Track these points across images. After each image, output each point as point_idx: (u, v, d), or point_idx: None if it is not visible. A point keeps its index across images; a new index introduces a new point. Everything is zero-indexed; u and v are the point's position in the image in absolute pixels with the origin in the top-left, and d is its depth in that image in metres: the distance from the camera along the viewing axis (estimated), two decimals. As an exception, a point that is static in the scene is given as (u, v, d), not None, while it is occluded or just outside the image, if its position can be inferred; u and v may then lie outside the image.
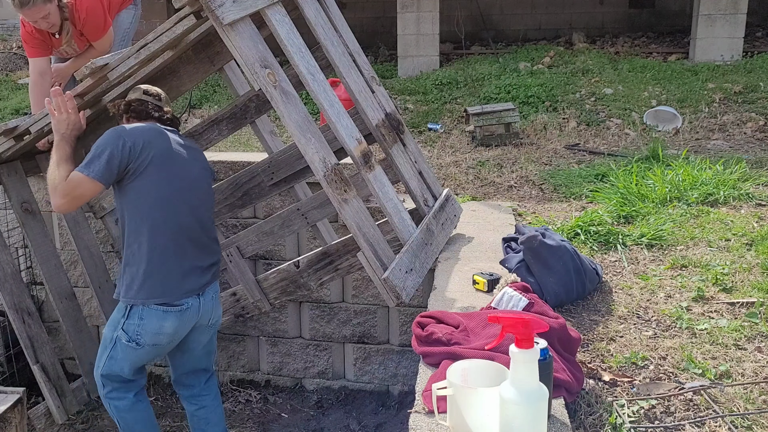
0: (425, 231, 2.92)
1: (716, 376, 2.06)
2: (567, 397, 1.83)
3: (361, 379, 4.27)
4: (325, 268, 3.36)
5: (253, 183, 3.52)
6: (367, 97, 2.96)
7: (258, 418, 4.06)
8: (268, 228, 3.55)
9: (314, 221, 3.54)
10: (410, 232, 2.80)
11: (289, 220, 3.52)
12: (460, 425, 1.59)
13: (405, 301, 2.62)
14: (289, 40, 2.58)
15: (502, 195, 4.32)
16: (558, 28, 9.67)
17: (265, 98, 3.26)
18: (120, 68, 2.83)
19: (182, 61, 3.21)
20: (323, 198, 3.37)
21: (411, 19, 7.81)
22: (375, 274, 2.61)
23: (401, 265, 2.63)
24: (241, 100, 3.43)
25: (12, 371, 4.22)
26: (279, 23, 2.56)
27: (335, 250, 3.31)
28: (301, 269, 3.39)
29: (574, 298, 2.60)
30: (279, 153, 3.50)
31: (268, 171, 3.45)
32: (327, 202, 3.35)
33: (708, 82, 6.76)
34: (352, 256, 3.21)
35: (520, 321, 1.47)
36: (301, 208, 3.51)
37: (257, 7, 2.45)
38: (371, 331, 4.19)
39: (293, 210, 3.51)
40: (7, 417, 1.51)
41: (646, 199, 3.77)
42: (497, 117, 5.54)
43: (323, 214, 3.49)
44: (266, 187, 3.49)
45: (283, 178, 3.46)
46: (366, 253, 2.61)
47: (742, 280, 2.73)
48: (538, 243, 2.57)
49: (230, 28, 2.34)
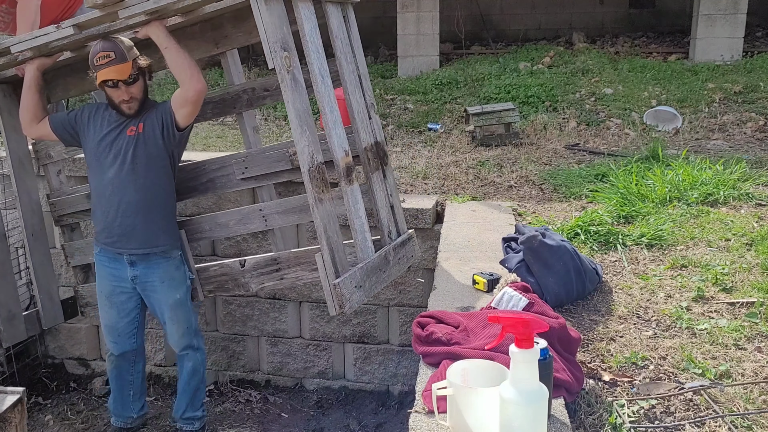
0: (382, 258, 2.99)
1: (716, 376, 2.06)
2: (567, 397, 1.83)
3: (361, 379, 4.27)
4: (270, 273, 3.42)
5: (221, 173, 3.46)
6: (363, 119, 3.05)
7: (258, 418, 4.06)
8: (223, 220, 3.50)
9: (273, 226, 3.50)
10: (369, 253, 2.90)
11: (248, 218, 3.48)
12: (460, 425, 1.59)
13: (346, 312, 2.70)
14: (311, 37, 2.66)
15: (502, 195, 4.32)
16: (558, 28, 9.67)
17: (259, 93, 3.29)
18: (134, 8, 2.74)
19: (185, 34, 3.13)
20: (289, 205, 3.40)
21: (411, 19, 7.81)
22: (327, 278, 2.67)
23: (353, 278, 2.71)
24: (234, 88, 3.38)
25: (12, 371, 4.22)
26: (306, 19, 2.65)
27: (286, 259, 3.39)
28: (245, 269, 3.44)
29: (574, 298, 2.60)
30: (259, 150, 3.46)
31: (242, 164, 3.41)
32: (291, 210, 3.37)
33: (708, 82, 6.76)
34: (301, 269, 3.32)
35: (520, 321, 1.47)
36: (264, 209, 3.46)
37: None
38: (371, 331, 4.19)
39: (255, 209, 3.47)
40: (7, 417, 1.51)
41: (646, 199, 3.77)
42: (497, 117, 5.54)
43: (285, 221, 3.46)
44: (235, 179, 3.44)
45: (255, 176, 3.42)
46: (324, 255, 2.67)
47: (742, 280, 2.73)
48: (538, 243, 2.57)
49: (264, 2, 2.43)
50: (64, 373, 4.60)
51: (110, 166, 3.17)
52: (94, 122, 3.25)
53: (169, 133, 3.15)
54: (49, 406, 4.26)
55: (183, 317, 3.36)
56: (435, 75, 7.41)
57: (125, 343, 3.42)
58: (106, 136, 3.19)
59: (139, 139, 3.14)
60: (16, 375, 4.23)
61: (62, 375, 4.58)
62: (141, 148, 3.14)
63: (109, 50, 2.96)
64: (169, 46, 2.94)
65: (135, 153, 3.13)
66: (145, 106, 3.19)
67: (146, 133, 3.14)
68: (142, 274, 3.27)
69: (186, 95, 3.04)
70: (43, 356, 4.60)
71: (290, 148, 3.25)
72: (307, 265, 3.32)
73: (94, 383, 4.42)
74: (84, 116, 3.29)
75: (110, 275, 3.32)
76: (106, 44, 2.97)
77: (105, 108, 3.25)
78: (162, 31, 2.93)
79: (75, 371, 4.62)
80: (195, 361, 3.48)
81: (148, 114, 3.17)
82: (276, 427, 3.99)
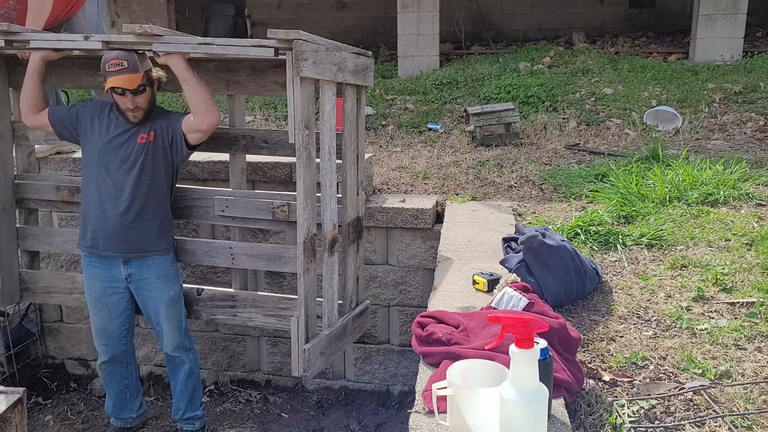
0: (343, 327, 3.17)
1: (716, 376, 2.06)
2: (567, 397, 1.83)
3: (361, 379, 4.27)
4: (224, 309, 3.57)
5: (201, 203, 3.54)
6: (353, 195, 3.25)
7: (258, 418, 4.06)
8: (191, 247, 3.56)
9: (239, 266, 3.58)
10: (333, 321, 3.08)
11: (216, 252, 3.57)
12: (460, 425, 1.59)
13: (308, 377, 2.92)
14: (329, 118, 2.89)
15: (502, 195, 4.32)
16: (558, 28, 9.67)
17: (257, 143, 3.44)
18: (170, 47, 2.85)
19: (199, 67, 3.18)
20: (259, 250, 3.51)
21: (411, 19, 7.81)
22: (297, 342, 2.85)
23: (320, 345, 2.92)
24: (234, 131, 3.45)
25: (12, 371, 4.22)
26: (328, 100, 2.86)
27: (243, 298, 3.55)
28: (201, 297, 3.57)
29: (574, 298, 2.60)
30: (243, 193, 3.53)
31: (224, 202, 3.48)
32: (261, 256, 3.49)
33: (708, 82, 6.76)
34: (256, 311, 3.51)
35: (520, 321, 1.47)
36: (233, 248, 3.55)
37: (322, 77, 2.81)
38: (371, 331, 4.19)
39: (224, 246, 3.56)
40: (7, 417, 1.51)
41: (646, 199, 3.77)
42: (497, 117, 5.54)
43: (252, 264, 3.54)
44: (213, 214, 3.53)
45: (234, 216, 3.51)
46: (300, 321, 2.85)
47: (742, 280, 2.73)
48: (538, 243, 2.57)
49: (301, 81, 2.64)
50: (64, 373, 4.60)
51: (116, 170, 3.18)
52: (99, 123, 3.25)
53: (178, 149, 3.21)
54: (49, 406, 4.26)
55: (177, 315, 3.37)
56: (435, 75, 7.41)
57: (116, 346, 3.40)
58: (115, 139, 3.20)
59: (149, 148, 3.18)
60: (16, 375, 4.23)
61: (62, 375, 4.58)
62: (150, 156, 3.18)
63: (122, 59, 2.98)
64: (188, 78, 3.01)
65: (144, 160, 3.17)
66: (152, 114, 3.22)
67: (156, 142, 3.19)
68: (137, 272, 3.27)
69: (200, 127, 3.12)
70: (44, 356, 4.60)
71: (275, 201, 3.39)
72: (263, 309, 3.53)
73: (95, 383, 4.42)
74: (86, 115, 3.28)
75: (101, 276, 3.30)
76: (121, 52, 3.00)
77: (110, 109, 3.24)
78: (183, 63, 3.00)
79: (75, 371, 4.62)
80: (189, 361, 3.47)
81: (157, 123, 3.21)
82: (276, 427, 3.99)
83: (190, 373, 3.49)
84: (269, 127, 6.08)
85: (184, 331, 3.43)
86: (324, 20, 10.37)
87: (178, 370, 3.48)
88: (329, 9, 10.35)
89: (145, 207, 3.20)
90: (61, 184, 3.76)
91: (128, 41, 2.95)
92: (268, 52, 2.68)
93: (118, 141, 3.19)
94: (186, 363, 3.47)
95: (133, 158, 3.17)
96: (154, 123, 3.19)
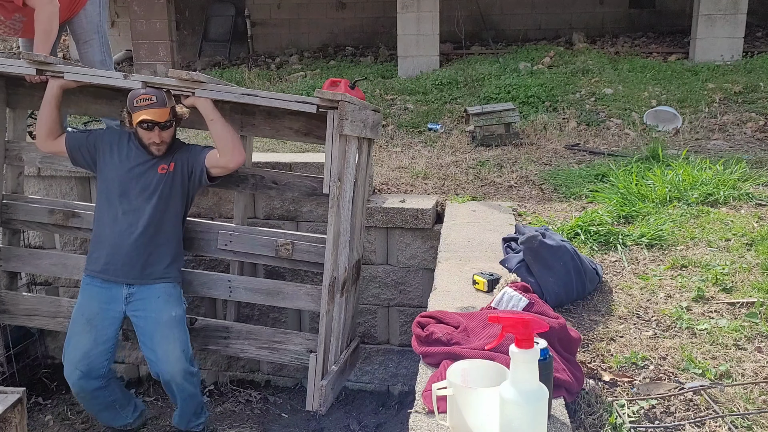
0: (343, 363, 3.38)
1: (716, 376, 2.06)
2: (567, 397, 1.83)
3: (361, 379, 4.27)
4: (217, 339, 3.64)
5: (205, 237, 3.61)
6: (357, 239, 3.46)
7: (258, 418, 4.06)
8: (188, 278, 3.60)
9: (236, 299, 3.65)
10: (339, 358, 3.29)
11: (213, 284, 3.63)
12: (460, 425, 1.59)
13: (322, 413, 3.12)
14: (350, 169, 3.12)
15: (502, 195, 4.32)
16: (558, 28, 9.67)
17: (267, 183, 3.57)
18: (212, 94, 3.00)
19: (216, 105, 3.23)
20: (259, 285, 3.61)
21: (411, 19, 7.81)
22: (314, 378, 3.04)
23: (332, 382, 3.13)
24: (244, 170, 3.53)
25: (12, 371, 4.22)
26: (351, 154, 3.12)
27: (237, 331, 3.62)
28: (193, 327, 3.62)
29: (574, 298, 2.60)
30: (248, 229, 3.60)
31: (227, 237, 3.56)
32: (259, 290, 3.57)
33: (708, 82, 6.76)
34: (249, 344, 3.60)
35: (520, 321, 1.47)
36: (232, 281, 3.60)
37: (353, 134, 3.04)
38: (371, 331, 4.19)
39: (223, 279, 3.62)
40: (7, 417, 1.51)
41: (646, 199, 3.77)
42: (497, 117, 5.54)
43: (249, 298, 3.61)
44: (215, 247, 3.60)
45: (235, 251, 3.59)
46: (318, 358, 3.02)
47: (742, 280, 2.73)
48: (538, 243, 2.57)
49: (340, 138, 2.87)
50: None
51: (135, 198, 3.24)
52: (118, 151, 3.32)
53: (198, 180, 3.31)
54: (49, 406, 4.26)
55: (179, 336, 3.23)
56: (435, 75, 7.41)
57: (91, 373, 3.24)
58: (135, 168, 3.26)
59: (169, 178, 3.26)
60: (16, 375, 4.23)
61: (62, 375, 4.52)
62: (169, 185, 3.26)
63: (152, 94, 3.10)
64: (215, 118, 3.13)
65: (163, 189, 3.25)
66: (173, 147, 3.32)
67: (175, 173, 3.28)
68: (138, 292, 3.23)
69: (227, 165, 3.25)
70: (43, 356, 4.60)
71: (279, 239, 3.50)
72: (257, 341, 3.61)
73: (94, 383, 4.42)
74: (105, 142, 3.35)
75: (100, 296, 3.24)
76: (150, 89, 3.11)
77: (129, 138, 3.31)
78: (210, 104, 3.11)
79: (75, 371, 4.61)
80: (193, 386, 3.33)
81: (178, 155, 3.31)
82: (276, 427, 3.99)
83: (194, 395, 3.37)
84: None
85: (190, 357, 3.27)
86: (324, 20, 10.36)
87: (179, 390, 3.30)
88: (329, 9, 10.35)
89: (160, 235, 3.26)
90: (55, 207, 3.78)
91: (170, 84, 3.08)
92: (310, 108, 2.86)
93: (138, 170, 3.26)
94: (191, 387, 3.31)
95: (152, 187, 3.24)
96: (175, 155, 3.30)
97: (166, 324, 3.20)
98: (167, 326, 3.20)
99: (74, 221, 3.74)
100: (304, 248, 3.48)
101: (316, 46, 10.18)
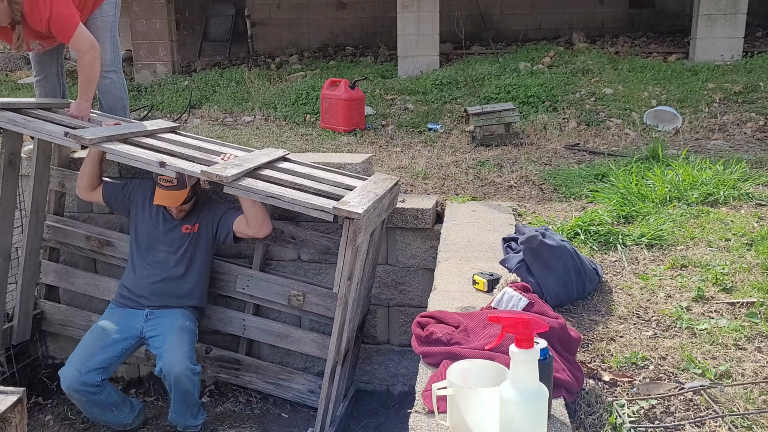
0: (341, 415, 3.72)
1: (716, 376, 2.06)
2: (567, 397, 1.83)
3: (361, 379, 4.27)
4: (228, 369, 3.97)
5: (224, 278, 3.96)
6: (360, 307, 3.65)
7: (258, 418, 4.06)
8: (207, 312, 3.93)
9: (248, 336, 4.00)
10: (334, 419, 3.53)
11: (229, 321, 3.99)
12: (460, 425, 1.59)
13: None
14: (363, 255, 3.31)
15: (502, 195, 4.32)
16: (558, 28, 9.67)
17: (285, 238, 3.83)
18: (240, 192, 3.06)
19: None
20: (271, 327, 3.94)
21: (411, 19, 7.81)
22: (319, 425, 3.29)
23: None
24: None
25: (12, 371, 4.22)
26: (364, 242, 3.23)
27: (248, 365, 3.95)
28: (208, 355, 3.94)
29: (574, 298, 2.60)
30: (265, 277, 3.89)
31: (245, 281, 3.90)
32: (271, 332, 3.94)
33: (708, 82, 6.75)
34: (258, 377, 3.97)
35: (520, 321, 1.47)
36: (246, 321, 3.98)
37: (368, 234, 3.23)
38: (371, 331, 4.19)
39: (238, 317, 3.97)
40: (7, 417, 1.51)
41: (646, 199, 3.77)
42: (497, 117, 5.53)
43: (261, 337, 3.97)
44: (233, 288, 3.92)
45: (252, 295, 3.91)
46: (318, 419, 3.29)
47: (742, 280, 2.73)
48: (538, 243, 2.57)
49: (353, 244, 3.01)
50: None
51: (159, 252, 3.55)
52: (149, 208, 3.59)
53: (223, 240, 3.64)
54: (49, 406, 4.26)
55: (188, 339, 3.46)
56: (435, 75, 7.40)
57: (87, 376, 3.32)
58: (161, 225, 3.55)
59: (193, 238, 3.55)
60: (16, 375, 4.23)
61: (62, 375, 4.57)
62: (193, 245, 3.55)
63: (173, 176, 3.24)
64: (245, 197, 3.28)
65: (187, 248, 3.54)
66: (197, 206, 3.57)
67: (200, 233, 3.56)
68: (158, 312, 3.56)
69: (256, 235, 3.57)
70: (44, 356, 4.60)
71: (292, 290, 3.79)
72: (264, 376, 3.97)
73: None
74: (137, 196, 3.64)
75: (121, 313, 3.55)
76: None
77: None
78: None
79: (75, 371, 4.61)
80: (193, 385, 3.42)
81: (203, 215, 3.56)
82: (276, 427, 3.99)
83: (192, 392, 3.44)
84: (270, 128, 6.08)
85: (193, 358, 3.44)
86: (324, 20, 10.36)
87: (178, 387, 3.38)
88: (329, 9, 10.35)
89: (183, 284, 3.57)
90: (91, 234, 4.08)
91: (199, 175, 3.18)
92: (328, 216, 3.02)
93: (164, 228, 3.56)
94: (190, 384, 3.39)
95: (177, 244, 3.55)
96: (200, 215, 3.56)
97: (179, 328, 3.46)
98: (179, 330, 3.46)
99: (108, 249, 4.07)
100: (314, 301, 3.80)
101: (316, 46, 10.18)
